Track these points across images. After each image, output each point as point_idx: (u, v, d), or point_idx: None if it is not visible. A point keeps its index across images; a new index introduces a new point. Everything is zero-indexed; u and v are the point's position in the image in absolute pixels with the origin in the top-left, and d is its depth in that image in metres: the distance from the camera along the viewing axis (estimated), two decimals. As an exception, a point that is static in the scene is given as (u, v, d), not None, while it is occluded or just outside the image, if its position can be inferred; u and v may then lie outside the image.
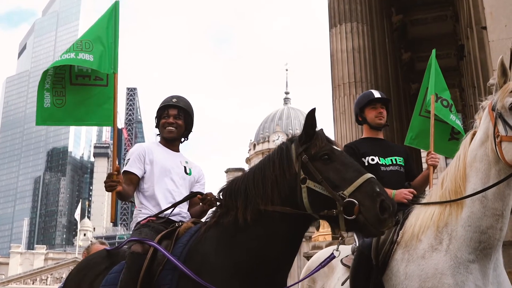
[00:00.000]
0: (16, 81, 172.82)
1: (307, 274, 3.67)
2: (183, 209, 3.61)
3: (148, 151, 3.65)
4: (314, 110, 2.82)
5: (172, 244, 3.07)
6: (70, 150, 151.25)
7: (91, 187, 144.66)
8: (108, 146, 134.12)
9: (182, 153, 3.85)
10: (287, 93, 68.89)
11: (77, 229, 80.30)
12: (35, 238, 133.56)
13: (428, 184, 4.08)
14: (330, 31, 13.62)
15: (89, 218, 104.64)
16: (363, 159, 3.96)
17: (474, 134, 3.19)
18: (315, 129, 2.85)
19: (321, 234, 15.65)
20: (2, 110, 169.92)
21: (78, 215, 66.57)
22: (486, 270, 3.04)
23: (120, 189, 3.32)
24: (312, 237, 16.49)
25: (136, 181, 3.58)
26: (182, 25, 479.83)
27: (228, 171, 45.47)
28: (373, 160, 3.98)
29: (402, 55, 17.96)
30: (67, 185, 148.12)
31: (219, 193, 3.09)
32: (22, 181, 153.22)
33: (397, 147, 4.35)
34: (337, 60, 13.15)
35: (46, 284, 48.46)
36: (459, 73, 18.07)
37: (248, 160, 55.57)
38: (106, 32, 3.76)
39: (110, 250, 3.58)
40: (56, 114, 3.61)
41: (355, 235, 3.76)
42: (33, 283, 48.44)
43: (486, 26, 6.86)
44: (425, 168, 4.24)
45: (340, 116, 12.58)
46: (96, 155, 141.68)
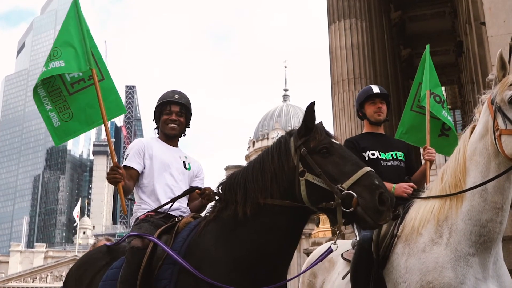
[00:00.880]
0: (15, 79, 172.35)
1: (305, 269, 3.68)
2: (183, 203, 3.60)
3: (147, 146, 3.64)
4: (313, 103, 2.82)
5: (172, 238, 3.07)
6: (69, 149, 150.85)
7: (91, 185, 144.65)
8: (107, 144, 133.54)
9: (181, 149, 3.84)
10: (286, 90, 68.87)
11: (76, 227, 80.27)
12: (35, 236, 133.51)
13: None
14: (329, 28, 13.63)
15: (88, 216, 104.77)
16: (364, 154, 3.95)
17: (474, 128, 3.18)
18: (314, 122, 2.84)
19: (321, 231, 15.67)
20: (1, 109, 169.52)
21: (77, 213, 66.66)
22: (486, 264, 3.05)
23: (123, 183, 3.33)
24: (312, 233, 16.48)
25: (136, 176, 3.57)
26: (181, 23, 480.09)
27: (227, 169, 45.43)
28: (373, 154, 3.98)
29: (401, 52, 17.95)
30: (67, 183, 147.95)
31: (218, 187, 3.09)
32: (22, 179, 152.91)
33: (397, 142, 4.35)
34: (336, 56, 13.16)
35: (46, 282, 48.52)
36: (458, 69, 18.09)
37: (247, 157, 55.53)
38: (72, 32, 3.74)
39: (110, 245, 3.57)
40: (69, 127, 3.64)
41: (356, 230, 3.76)
42: (33, 282, 48.51)
43: (485, 21, 6.86)
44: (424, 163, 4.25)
45: (339, 112, 12.60)
46: (95, 153, 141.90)
